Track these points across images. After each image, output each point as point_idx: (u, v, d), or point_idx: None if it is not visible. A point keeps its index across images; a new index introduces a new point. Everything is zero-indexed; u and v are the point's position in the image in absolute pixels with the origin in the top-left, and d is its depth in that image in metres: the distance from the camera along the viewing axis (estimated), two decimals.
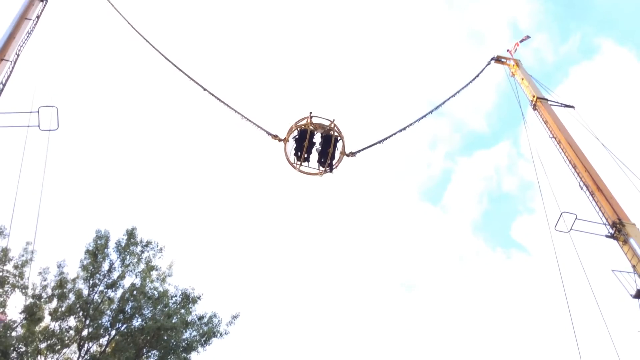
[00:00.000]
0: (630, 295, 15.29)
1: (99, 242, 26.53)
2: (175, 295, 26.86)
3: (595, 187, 17.24)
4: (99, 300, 25.65)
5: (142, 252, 27.24)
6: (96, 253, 26.17)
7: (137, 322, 25.56)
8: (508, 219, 79.98)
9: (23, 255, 25.39)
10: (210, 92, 18.59)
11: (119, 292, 26.12)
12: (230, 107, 18.24)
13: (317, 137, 17.50)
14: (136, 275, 26.76)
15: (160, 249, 27.70)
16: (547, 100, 20.82)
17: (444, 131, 76.52)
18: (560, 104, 20.94)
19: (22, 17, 16.46)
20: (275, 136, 17.43)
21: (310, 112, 17.00)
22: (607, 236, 16.40)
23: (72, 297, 25.33)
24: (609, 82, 68.34)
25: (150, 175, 69.19)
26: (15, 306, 24.56)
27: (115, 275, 26.30)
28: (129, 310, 25.60)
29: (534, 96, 20.89)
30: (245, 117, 17.94)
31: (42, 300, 25.05)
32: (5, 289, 24.51)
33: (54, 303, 25.23)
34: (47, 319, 25.06)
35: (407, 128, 19.42)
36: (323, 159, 17.51)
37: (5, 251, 24.82)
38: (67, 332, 25.01)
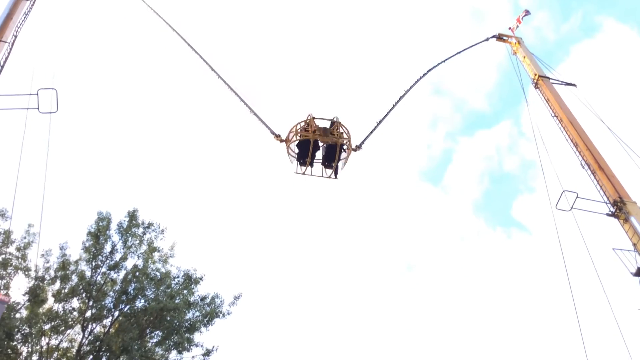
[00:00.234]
0: (631, 273, 15.38)
1: (100, 224, 26.58)
2: (178, 277, 27.00)
3: (596, 165, 17.24)
4: (102, 282, 25.77)
5: (144, 233, 27.31)
6: (98, 235, 26.24)
7: (140, 303, 25.71)
8: (509, 199, 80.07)
9: (25, 238, 25.52)
10: (217, 73, 18.01)
11: (122, 273, 26.25)
12: (232, 88, 17.73)
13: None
14: (138, 257, 26.88)
15: (162, 231, 27.79)
16: (548, 78, 20.73)
17: (445, 111, 76.24)
18: (561, 82, 20.87)
19: None
20: (277, 136, 16.47)
21: (312, 117, 15.97)
22: (608, 214, 16.44)
23: (75, 278, 25.44)
24: (610, 60, 67.91)
25: (152, 156, 69.12)
26: (19, 288, 24.74)
27: (117, 256, 26.41)
28: (131, 292, 25.74)
29: (535, 74, 20.80)
30: (249, 106, 17.21)
31: (45, 282, 25.20)
32: (9, 271, 24.67)
33: (57, 285, 25.38)
34: (50, 300, 25.26)
35: (398, 103, 18.41)
36: (327, 162, 16.44)
37: (8, 233, 24.93)
38: (71, 313, 25.18)
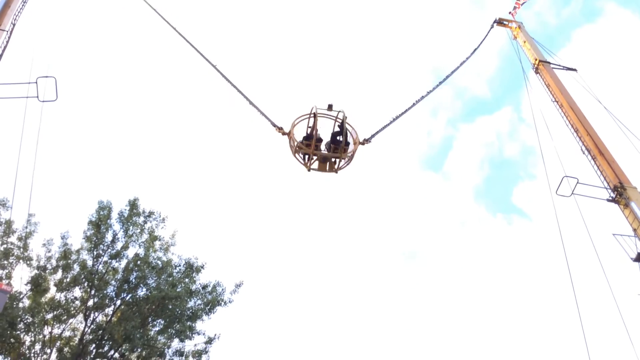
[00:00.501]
0: (631, 259, 15.42)
1: (101, 213, 26.59)
2: (179, 265, 27.02)
3: (597, 150, 17.22)
4: (104, 271, 25.83)
5: (145, 222, 27.30)
6: (99, 224, 26.26)
7: (141, 292, 25.75)
8: (509, 185, 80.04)
9: (26, 227, 25.53)
10: (218, 69, 17.80)
11: (123, 262, 26.26)
12: (231, 82, 17.48)
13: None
14: (140, 246, 26.86)
15: (163, 219, 27.78)
16: (549, 63, 20.66)
17: (445, 98, 76.01)
18: (562, 67, 20.80)
19: None
20: (280, 128, 16.24)
21: (315, 112, 15.67)
22: (608, 200, 16.46)
23: (76, 268, 25.47)
24: (611, 44, 67.61)
25: (152, 145, 69.06)
26: (21, 278, 24.75)
27: (118, 245, 26.42)
28: (133, 280, 25.79)
29: (536, 59, 20.71)
30: (248, 98, 16.95)
31: (47, 271, 25.22)
32: (10, 260, 24.71)
33: (59, 274, 25.39)
34: (52, 290, 25.32)
35: (418, 102, 18.41)
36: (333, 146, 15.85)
37: (9, 223, 24.94)
38: (73, 302, 25.24)
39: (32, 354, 24.03)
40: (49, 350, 24.31)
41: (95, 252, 25.93)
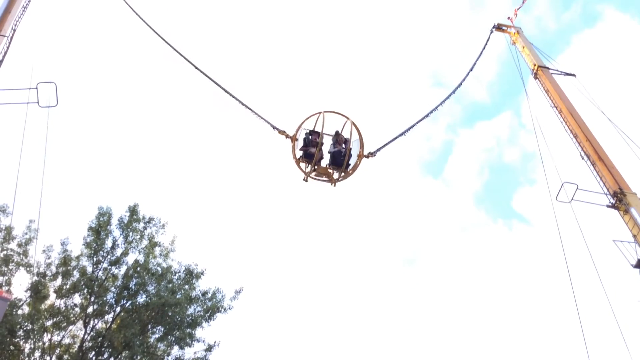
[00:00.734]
0: (631, 265, 15.37)
1: (101, 219, 26.58)
2: (179, 271, 26.96)
3: (596, 156, 17.19)
4: (103, 277, 25.79)
5: (145, 228, 27.28)
6: (99, 230, 26.24)
7: (141, 299, 25.73)
8: (509, 191, 79.93)
9: (26, 234, 25.51)
10: (217, 83, 17.46)
11: (123, 268, 26.24)
12: (232, 94, 17.24)
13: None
14: (139, 252, 26.84)
15: (163, 225, 27.76)
16: (548, 68, 20.64)
17: (445, 103, 75.80)
18: (561, 72, 20.79)
19: None
20: (282, 132, 15.98)
21: (324, 111, 15.53)
22: (608, 206, 16.42)
23: (76, 274, 25.43)
24: (611, 49, 67.68)
25: (152, 151, 69.07)
26: (20, 284, 24.73)
27: (118, 252, 26.39)
28: (133, 287, 25.75)
29: (535, 65, 20.70)
30: (246, 105, 16.76)
31: (46, 278, 25.19)
32: (10, 267, 24.68)
33: (59, 281, 25.36)
34: (52, 296, 25.27)
35: (427, 116, 18.18)
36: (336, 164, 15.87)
37: (9, 229, 24.92)
38: (73, 309, 25.21)
39: None
40: (48, 358, 24.24)
41: (95, 259, 25.91)
